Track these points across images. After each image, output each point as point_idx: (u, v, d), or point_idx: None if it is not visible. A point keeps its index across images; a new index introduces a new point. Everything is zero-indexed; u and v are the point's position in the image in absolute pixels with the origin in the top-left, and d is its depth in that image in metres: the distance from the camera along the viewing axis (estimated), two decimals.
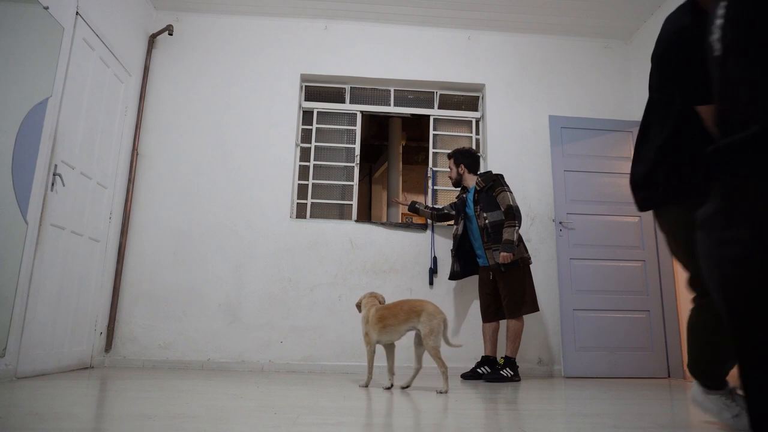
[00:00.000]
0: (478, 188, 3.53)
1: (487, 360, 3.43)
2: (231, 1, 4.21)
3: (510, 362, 3.33)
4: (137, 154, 3.94)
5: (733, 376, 1.62)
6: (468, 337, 3.81)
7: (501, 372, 3.29)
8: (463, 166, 3.66)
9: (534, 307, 3.37)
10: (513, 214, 3.34)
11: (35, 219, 2.74)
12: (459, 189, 3.76)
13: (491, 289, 3.47)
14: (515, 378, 3.29)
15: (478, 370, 3.40)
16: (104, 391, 2.32)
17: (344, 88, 4.42)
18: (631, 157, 4.86)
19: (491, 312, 3.48)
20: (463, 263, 3.65)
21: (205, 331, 3.72)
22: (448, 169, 3.76)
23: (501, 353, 3.54)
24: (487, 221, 3.42)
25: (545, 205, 4.13)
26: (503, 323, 3.59)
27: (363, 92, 4.47)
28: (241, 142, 4.10)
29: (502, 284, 3.38)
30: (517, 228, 3.31)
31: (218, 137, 4.10)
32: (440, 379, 2.64)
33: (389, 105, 4.46)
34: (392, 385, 2.73)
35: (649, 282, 3.93)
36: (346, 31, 4.41)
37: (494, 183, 3.47)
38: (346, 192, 4.26)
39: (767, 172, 0.42)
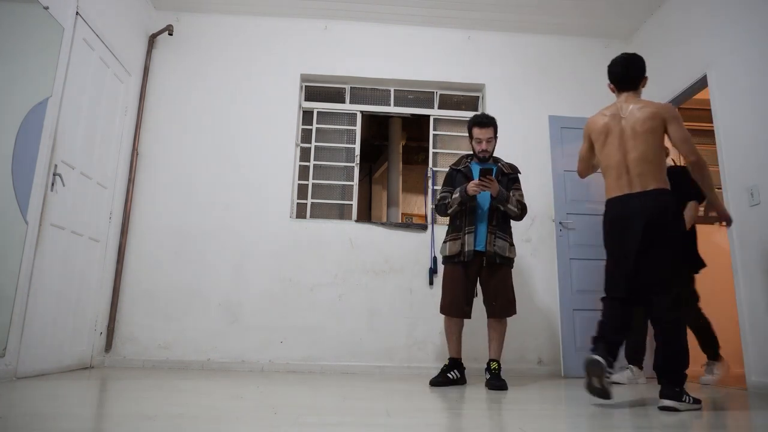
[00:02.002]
0: (504, 171, 3.18)
1: (457, 363, 3.05)
2: (231, 1, 4.21)
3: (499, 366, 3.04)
4: (137, 154, 3.94)
5: None
6: (467, 336, 3.79)
7: (503, 379, 3.00)
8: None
9: (515, 310, 3.11)
10: (526, 210, 3.15)
11: (35, 219, 2.74)
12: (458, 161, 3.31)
13: (474, 279, 3.05)
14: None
15: (449, 374, 2.99)
16: (104, 391, 2.32)
17: (344, 88, 4.42)
18: None
19: (467, 307, 3.02)
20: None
21: (205, 331, 3.72)
22: (481, 142, 3.14)
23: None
24: (503, 207, 3.05)
25: (545, 205, 4.13)
26: (473, 324, 3.36)
27: (363, 92, 4.47)
28: (241, 142, 4.10)
29: (494, 280, 3.00)
30: (518, 219, 3.12)
31: (218, 137, 4.10)
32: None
33: (389, 105, 4.46)
34: None
35: None
36: (346, 31, 4.41)
37: (517, 177, 3.21)
38: (346, 192, 4.26)
39: None
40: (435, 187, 4.30)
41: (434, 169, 4.34)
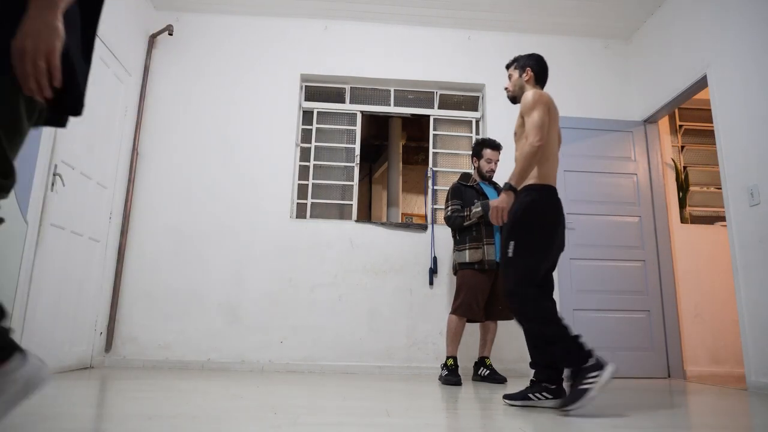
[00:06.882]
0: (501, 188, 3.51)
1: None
2: (231, 1, 4.21)
3: None
4: (137, 154, 3.94)
5: None
6: (467, 336, 3.80)
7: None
8: None
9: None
10: None
11: (35, 219, 2.74)
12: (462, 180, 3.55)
13: (489, 286, 3.30)
14: None
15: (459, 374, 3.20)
16: (104, 391, 2.32)
17: (344, 88, 4.42)
18: (632, 157, 4.75)
19: (481, 311, 3.29)
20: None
21: (205, 331, 3.72)
22: (491, 162, 3.49)
23: (468, 353, 3.53)
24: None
25: None
26: (474, 326, 3.65)
27: (363, 92, 4.47)
28: (241, 142, 4.10)
29: (499, 285, 3.32)
30: None
31: (218, 137, 4.10)
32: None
33: (389, 105, 4.46)
34: None
35: (649, 282, 3.93)
36: (346, 31, 4.41)
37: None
38: (346, 192, 4.26)
39: None
40: (435, 187, 4.30)
41: (434, 169, 4.34)
